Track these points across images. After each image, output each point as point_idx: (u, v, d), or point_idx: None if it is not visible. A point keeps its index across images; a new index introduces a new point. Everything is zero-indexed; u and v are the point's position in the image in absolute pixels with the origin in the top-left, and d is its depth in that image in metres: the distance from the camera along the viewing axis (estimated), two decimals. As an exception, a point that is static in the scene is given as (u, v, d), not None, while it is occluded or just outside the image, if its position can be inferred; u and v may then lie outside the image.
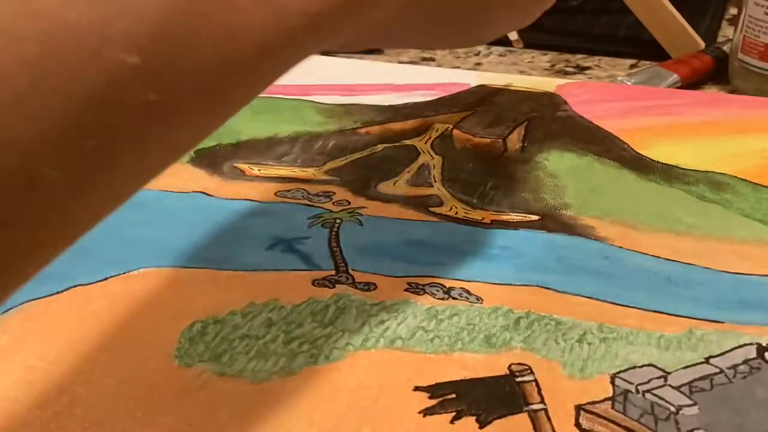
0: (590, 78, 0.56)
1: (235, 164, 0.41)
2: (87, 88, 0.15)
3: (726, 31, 0.63)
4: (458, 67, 0.57)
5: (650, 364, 0.28)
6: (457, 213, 0.37)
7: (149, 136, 0.16)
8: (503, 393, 0.26)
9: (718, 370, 0.27)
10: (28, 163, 0.14)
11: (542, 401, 0.26)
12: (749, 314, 0.30)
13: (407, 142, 0.43)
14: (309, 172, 0.40)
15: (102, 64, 0.15)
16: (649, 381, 0.27)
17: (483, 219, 0.36)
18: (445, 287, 0.32)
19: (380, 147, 0.43)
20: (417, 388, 0.27)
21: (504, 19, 0.27)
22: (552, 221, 0.36)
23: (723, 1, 0.67)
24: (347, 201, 0.38)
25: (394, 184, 0.39)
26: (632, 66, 0.57)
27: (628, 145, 0.42)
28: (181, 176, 0.40)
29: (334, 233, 0.35)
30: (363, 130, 0.44)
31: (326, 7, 0.18)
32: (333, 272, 0.32)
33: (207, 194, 0.38)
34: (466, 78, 0.51)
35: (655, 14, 0.57)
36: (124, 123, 0.15)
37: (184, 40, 0.15)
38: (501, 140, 0.43)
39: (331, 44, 0.19)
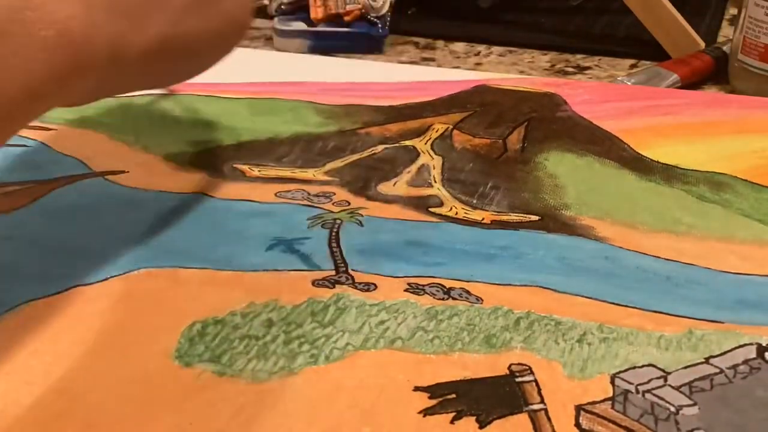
0: (590, 78, 0.56)
1: (235, 165, 0.41)
2: None
3: (726, 31, 0.63)
4: (458, 67, 0.57)
5: (650, 364, 0.28)
6: (457, 213, 0.37)
7: None
8: (503, 393, 0.26)
9: (718, 370, 0.27)
10: None
11: (542, 401, 0.26)
12: (749, 314, 0.30)
13: (407, 142, 0.43)
14: (309, 173, 0.40)
15: None
16: (649, 381, 0.27)
17: (483, 219, 0.36)
18: (445, 287, 0.32)
19: (380, 148, 0.43)
20: (417, 388, 0.27)
21: (208, 58, 0.34)
22: (552, 221, 0.36)
23: (723, 1, 0.67)
24: (347, 201, 0.38)
25: (394, 184, 0.39)
26: (632, 66, 0.57)
27: (628, 146, 0.42)
28: (181, 176, 0.40)
29: (334, 233, 0.35)
30: (363, 131, 0.44)
31: (42, 85, 0.23)
32: (333, 272, 0.32)
33: (207, 194, 0.38)
34: (466, 78, 0.51)
35: (655, 14, 0.57)
36: None
37: None
38: (501, 141, 0.43)
39: (53, 107, 0.25)
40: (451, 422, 0.25)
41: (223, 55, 0.34)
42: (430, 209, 0.37)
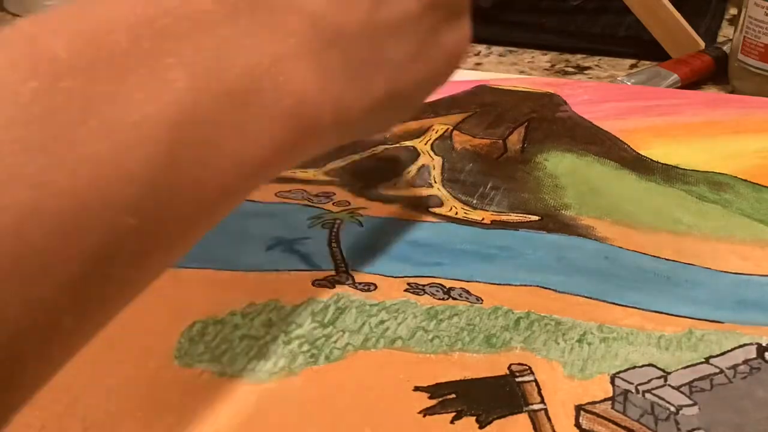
0: (590, 78, 0.56)
1: (235, 164, 0.41)
2: (92, 246, 0.18)
3: (726, 31, 0.63)
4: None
5: (650, 364, 0.28)
6: (457, 213, 0.37)
7: (139, 275, 0.21)
8: (503, 393, 0.26)
9: (718, 370, 0.27)
10: (49, 311, 0.17)
11: (542, 401, 0.26)
12: (749, 314, 0.30)
13: (407, 143, 0.43)
14: (309, 173, 0.40)
15: (104, 225, 0.18)
16: (649, 381, 0.27)
17: (483, 219, 0.36)
18: (445, 287, 0.32)
19: (380, 148, 0.43)
20: (417, 388, 0.27)
21: (423, 99, 0.31)
22: (552, 221, 0.36)
23: (723, 1, 0.67)
24: (347, 201, 0.38)
25: (395, 184, 0.39)
26: (632, 66, 0.57)
27: (628, 146, 0.42)
28: (181, 176, 0.40)
29: (334, 233, 0.35)
30: (363, 131, 0.44)
31: (270, 159, 0.22)
32: (333, 272, 0.32)
33: (207, 194, 0.38)
34: (466, 78, 0.51)
35: (655, 14, 0.57)
36: (120, 269, 0.19)
37: (165, 193, 0.19)
38: (501, 141, 0.43)
39: (277, 175, 0.24)
40: (451, 422, 0.25)
41: (435, 90, 0.32)
42: (430, 209, 0.37)
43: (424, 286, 0.32)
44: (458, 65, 0.31)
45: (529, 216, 0.36)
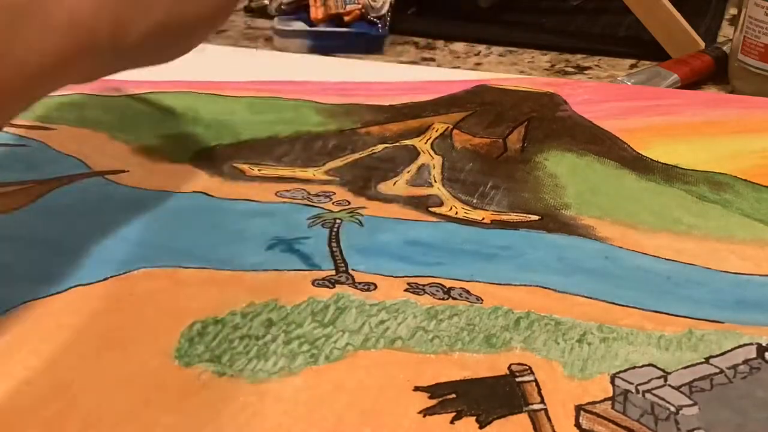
0: (590, 78, 0.56)
1: (235, 164, 0.41)
2: None
3: (726, 31, 0.63)
4: (458, 67, 0.57)
5: (650, 364, 0.28)
6: (457, 213, 0.37)
7: None
8: (503, 393, 0.26)
9: (718, 370, 0.27)
10: None
11: (542, 401, 0.26)
12: (749, 314, 0.30)
13: (407, 142, 0.43)
14: (309, 173, 0.40)
15: None
16: (649, 381, 0.27)
17: (483, 219, 0.36)
18: (445, 287, 0.32)
19: (380, 147, 0.43)
20: (417, 388, 0.27)
21: (197, 39, 0.33)
22: (552, 221, 0.36)
23: (723, 1, 0.67)
24: (347, 201, 0.38)
25: (394, 184, 0.39)
26: (632, 66, 0.57)
27: (628, 145, 0.42)
28: (181, 176, 0.40)
29: (334, 233, 0.35)
30: (363, 131, 0.44)
31: (53, 67, 0.24)
32: (333, 272, 0.32)
33: (207, 194, 0.38)
34: (466, 78, 0.51)
35: (655, 14, 0.57)
36: None
37: None
38: (501, 140, 0.43)
39: (57, 87, 0.26)
40: (451, 422, 0.25)
41: (210, 33, 0.35)
42: (430, 209, 0.37)
43: (424, 285, 0.32)
44: (229, 12, 0.34)
45: (529, 215, 0.36)
